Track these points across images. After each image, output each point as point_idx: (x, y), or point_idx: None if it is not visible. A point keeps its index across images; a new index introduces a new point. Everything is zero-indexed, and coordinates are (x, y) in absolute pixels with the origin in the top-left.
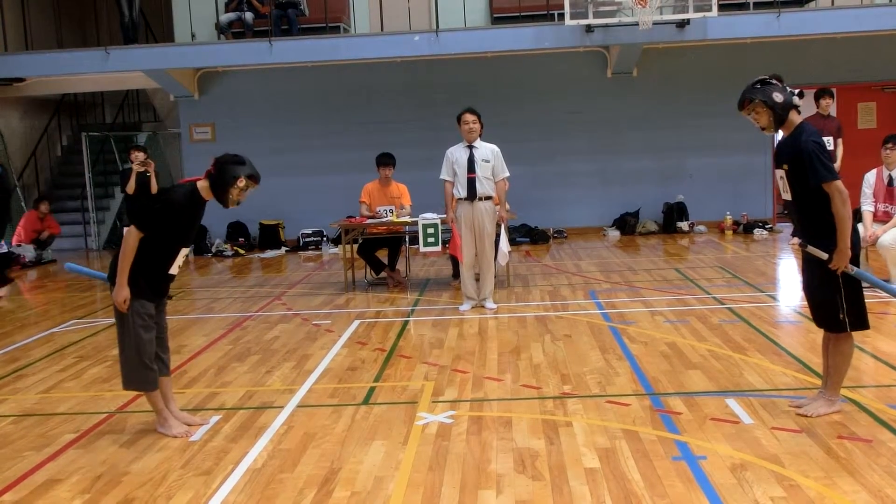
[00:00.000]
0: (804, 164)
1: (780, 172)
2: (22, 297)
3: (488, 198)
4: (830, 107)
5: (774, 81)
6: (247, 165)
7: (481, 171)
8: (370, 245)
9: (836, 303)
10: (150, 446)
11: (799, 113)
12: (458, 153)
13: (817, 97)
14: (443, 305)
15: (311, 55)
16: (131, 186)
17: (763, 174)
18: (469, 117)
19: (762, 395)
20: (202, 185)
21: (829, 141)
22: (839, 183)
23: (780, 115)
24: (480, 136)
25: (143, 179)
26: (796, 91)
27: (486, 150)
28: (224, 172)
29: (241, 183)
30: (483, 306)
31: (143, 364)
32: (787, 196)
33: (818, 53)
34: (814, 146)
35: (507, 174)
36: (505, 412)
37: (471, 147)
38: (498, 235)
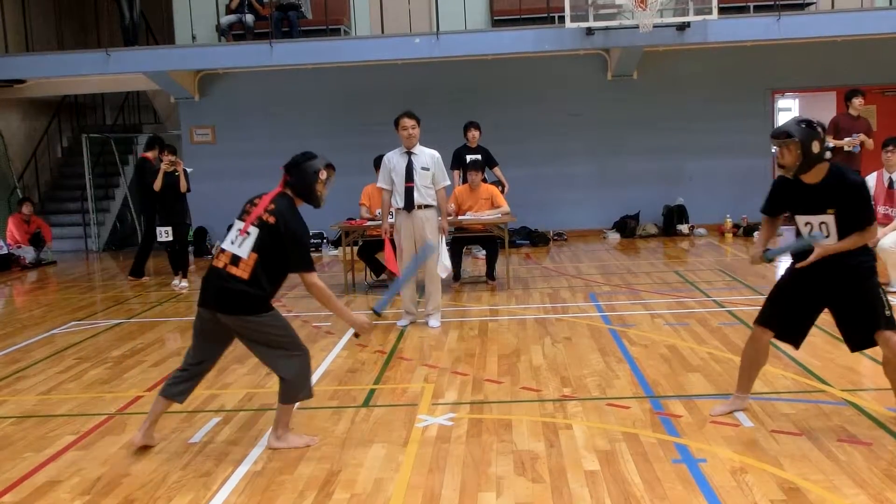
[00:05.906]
0: (855, 204)
1: (818, 218)
2: (22, 298)
3: (427, 206)
4: (862, 107)
5: (819, 129)
6: (318, 157)
7: (420, 179)
8: (370, 247)
9: (882, 298)
10: (150, 448)
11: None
12: (395, 160)
13: (850, 97)
14: (442, 308)
15: (311, 57)
16: (158, 184)
17: (763, 177)
18: (408, 122)
19: (762, 398)
20: (289, 194)
21: (856, 138)
22: (875, 225)
23: (807, 163)
24: (477, 144)
25: (170, 180)
26: (830, 145)
27: (426, 157)
28: (305, 174)
29: (324, 175)
30: (426, 324)
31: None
32: (827, 241)
33: (819, 56)
34: (864, 188)
35: (448, 182)
36: (505, 415)
37: (409, 153)
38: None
